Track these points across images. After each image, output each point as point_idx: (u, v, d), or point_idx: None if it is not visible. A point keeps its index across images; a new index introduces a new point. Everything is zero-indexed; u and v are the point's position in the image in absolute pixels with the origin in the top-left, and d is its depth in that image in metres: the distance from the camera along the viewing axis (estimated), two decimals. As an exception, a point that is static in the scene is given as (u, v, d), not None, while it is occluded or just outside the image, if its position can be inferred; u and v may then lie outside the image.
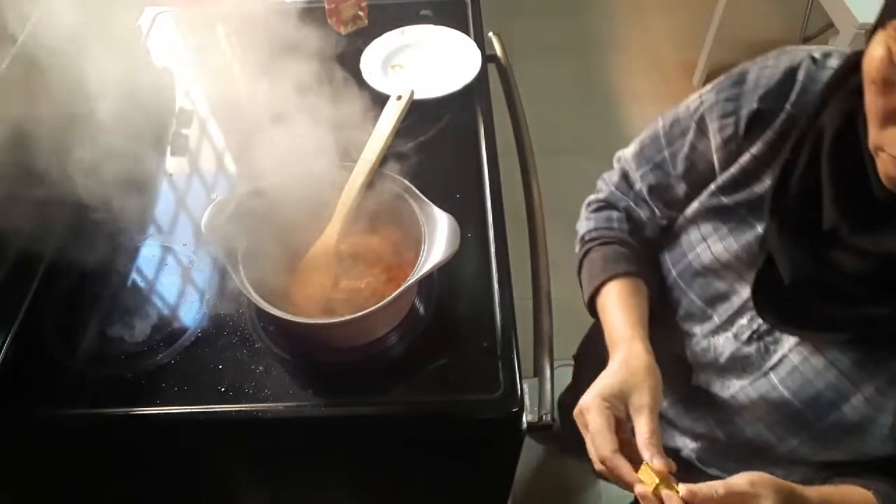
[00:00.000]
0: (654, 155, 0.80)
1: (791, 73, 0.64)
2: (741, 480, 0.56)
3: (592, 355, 0.75)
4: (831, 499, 0.62)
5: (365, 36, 1.27)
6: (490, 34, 1.34)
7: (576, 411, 0.67)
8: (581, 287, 0.85)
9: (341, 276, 0.87)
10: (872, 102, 0.52)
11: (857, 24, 1.67)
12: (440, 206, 0.84)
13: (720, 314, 0.72)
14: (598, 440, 0.62)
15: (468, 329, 0.87)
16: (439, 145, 1.09)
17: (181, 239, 0.99)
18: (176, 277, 0.94)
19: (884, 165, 0.53)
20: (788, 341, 0.66)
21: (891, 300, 0.57)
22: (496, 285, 0.90)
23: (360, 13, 1.30)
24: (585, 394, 0.67)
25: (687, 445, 0.83)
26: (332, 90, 1.00)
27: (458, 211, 0.84)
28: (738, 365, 0.71)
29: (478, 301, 0.89)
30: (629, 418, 0.65)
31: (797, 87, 0.64)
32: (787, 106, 0.64)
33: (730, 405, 0.74)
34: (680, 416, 0.83)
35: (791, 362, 0.66)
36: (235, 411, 0.79)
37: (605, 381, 0.67)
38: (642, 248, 0.83)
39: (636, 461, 0.61)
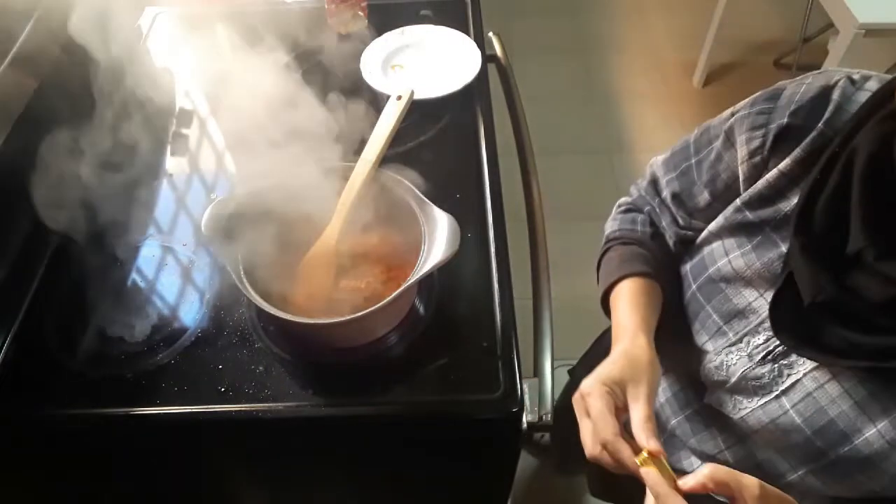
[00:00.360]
0: (681, 162, 0.80)
1: (826, 91, 0.63)
2: (753, 480, 0.55)
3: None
4: None
5: (365, 36, 1.27)
6: (490, 34, 1.34)
7: (576, 396, 0.67)
8: (598, 284, 0.86)
9: (341, 276, 0.87)
10: None
11: (857, 24, 1.67)
12: (440, 206, 0.84)
13: (735, 331, 0.71)
14: (601, 424, 0.62)
15: (468, 329, 0.87)
16: (439, 145, 1.09)
17: (181, 239, 0.99)
18: (176, 277, 0.94)
19: None
20: (804, 366, 0.65)
21: None
22: (496, 285, 0.90)
23: (360, 13, 1.30)
24: (585, 380, 0.67)
25: (694, 467, 0.83)
26: (331, 90, 1.00)
27: (458, 211, 0.84)
28: (749, 385, 0.70)
29: (478, 301, 0.89)
30: (625, 408, 0.65)
31: (831, 106, 0.62)
32: (819, 124, 0.63)
33: (740, 427, 0.73)
34: (688, 434, 0.83)
35: (805, 388, 0.65)
36: (235, 411, 0.79)
37: (604, 369, 0.68)
38: (661, 252, 0.83)
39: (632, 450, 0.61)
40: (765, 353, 0.68)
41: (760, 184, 0.67)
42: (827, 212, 0.60)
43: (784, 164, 0.65)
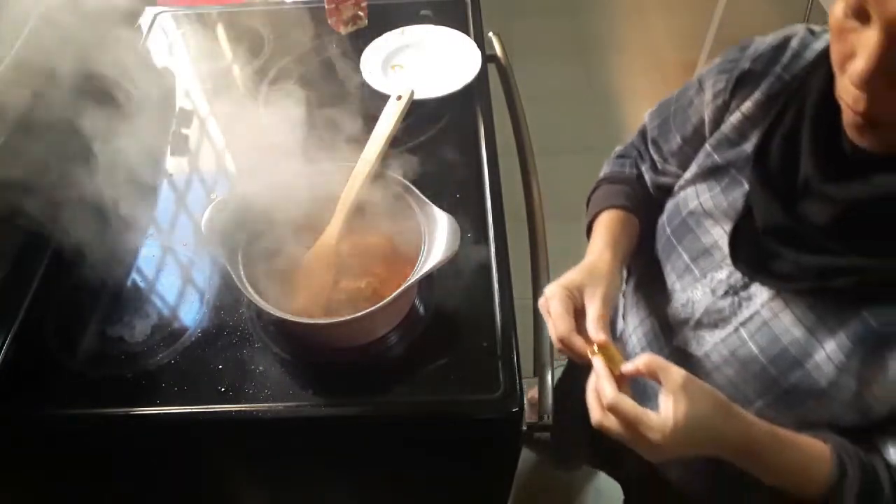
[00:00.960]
0: (663, 110, 0.88)
1: (786, 40, 0.71)
2: (678, 371, 0.61)
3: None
4: (779, 433, 0.65)
5: (365, 36, 1.27)
6: (490, 34, 1.34)
7: (541, 301, 0.74)
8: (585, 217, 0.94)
9: (341, 276, 0.87)
10: (833, 52, 0.56)
11: (857, 24, 1.67)
12: (440, 206, 0.84)
13: (701, 268, 0.76)
14: (559, 323, 0.70)
15: (468, 329, 0.87)
16: (439, 145, 1.09)
17: (181, 239, 0.99)
18: (176, 277, 0.94)
19: (844, 114, 0.58)
20: (760, 297, 0.69)
21: (854, 251, 0.61)
22: (496, 285, 0.90)
23: (360, 13, 1.30)
24: (549, 285, 0.74)
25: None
26: (331, 90, 1.00)
27: (458, 211, 0.84)
28: (711, 319, 0.74)
29: (478, 301, 0.89)
30: (584, 310, 0.72)
31: (789, 52, 0.69)
32: (777, 69, 0.70)
33: (704, 365, 0.76)
34: None
35: (761, 318, 0.69)
36: (235, 411, 0.79)
37: (569, 275, 0.75)
38: (644, 193, 0.91)
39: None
40: (726, 287, 0.72)
41: (726, 127, 0.74)
42: (782, 147, 0.66)
43: (746, 106, 0.72)
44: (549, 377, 0.87)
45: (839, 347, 0.63)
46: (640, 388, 0.87)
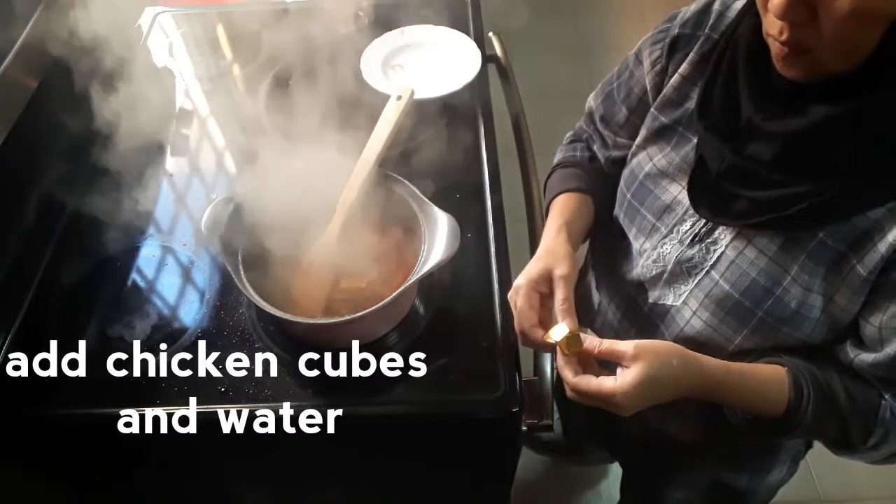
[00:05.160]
0: (606, 87, 0.94)
1: (708, 5, 0.77)
2: (627, 345, 0.67)
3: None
4: (733, 366, 0.71)
5: (365, 36, 1.26)
6: (490, 34, 1.34)
7: (510, 293, 0.78)
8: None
9: (341, 276, 0.87)
10: None
11: (856, 24, 1.67)
12: (440, 206, 0.84)
13: (666, 224, 0.80)
14: (522, 318, 0.76)
15: (468, 329, 0.87)
16: (439, 145, 1.09)
17: (181, 239, 0.99)
18: (176, 277, 0.94)
19: (772, 49, 0.62)
20: (725, 239, 0.74)
21: (801, 180, 0.65)
22: (496, 285, 0.90)
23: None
24: (518, 277, 0.79)
25: None
26: (331, 90, 1.00)
27: (458, 211, 0.84)
28: (683, 268, 0.78)
29: (478, 301, 0.89)
30: (552, 294, 0.76)
31: (713, 14, 0.76)
32: (706, 30, 0.76)
33: (682, 314, 0.79)
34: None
35: (728, 257, 0.73)
36: (235, 411, 0.79)
37: (531, 267, 0.79)
38: (597, 173, 0.95)
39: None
40: (692, 236, 0.77)
41: (667, 90, 0.80)
42: (722, 94, 0.71)
43: (682, 68, 0.78)
44: (548, 377, 0.87)
45: (802, 269, 0.68)
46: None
